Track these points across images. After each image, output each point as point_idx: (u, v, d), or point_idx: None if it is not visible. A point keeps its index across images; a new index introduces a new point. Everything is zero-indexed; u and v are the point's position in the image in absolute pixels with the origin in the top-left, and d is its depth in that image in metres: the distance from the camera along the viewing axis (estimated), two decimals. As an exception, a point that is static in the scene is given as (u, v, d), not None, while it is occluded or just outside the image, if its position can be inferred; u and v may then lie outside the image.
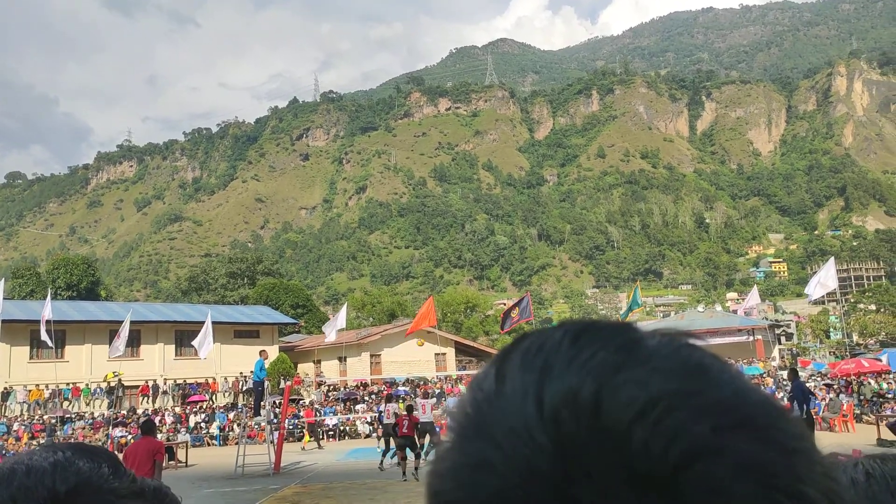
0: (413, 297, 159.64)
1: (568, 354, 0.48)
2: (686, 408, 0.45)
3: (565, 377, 0.47)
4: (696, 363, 0.49)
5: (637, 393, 0.45)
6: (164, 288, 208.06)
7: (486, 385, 0.50)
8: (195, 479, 19.07)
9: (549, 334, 0.51)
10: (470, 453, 0.47)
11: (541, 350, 0.49)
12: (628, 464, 0.43)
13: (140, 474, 8.38)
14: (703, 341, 0.53)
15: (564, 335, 0.50)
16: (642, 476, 0.43)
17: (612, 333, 0.50)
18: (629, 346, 0.49)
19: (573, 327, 0.51)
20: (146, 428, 10.62)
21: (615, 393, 0.45)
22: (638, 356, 0.48)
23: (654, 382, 0.46)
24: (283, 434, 21.16)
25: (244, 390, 37.94)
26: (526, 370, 0.49)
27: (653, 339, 0.50)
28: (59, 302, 42.30)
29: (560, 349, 0.49)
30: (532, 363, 0.49)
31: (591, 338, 0.49)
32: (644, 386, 0.46)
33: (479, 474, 0.45)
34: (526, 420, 0.46)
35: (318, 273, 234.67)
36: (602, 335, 0.50)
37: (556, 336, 0.50)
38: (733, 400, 0.47)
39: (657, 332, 0.52)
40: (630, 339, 0.50)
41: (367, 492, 15.15)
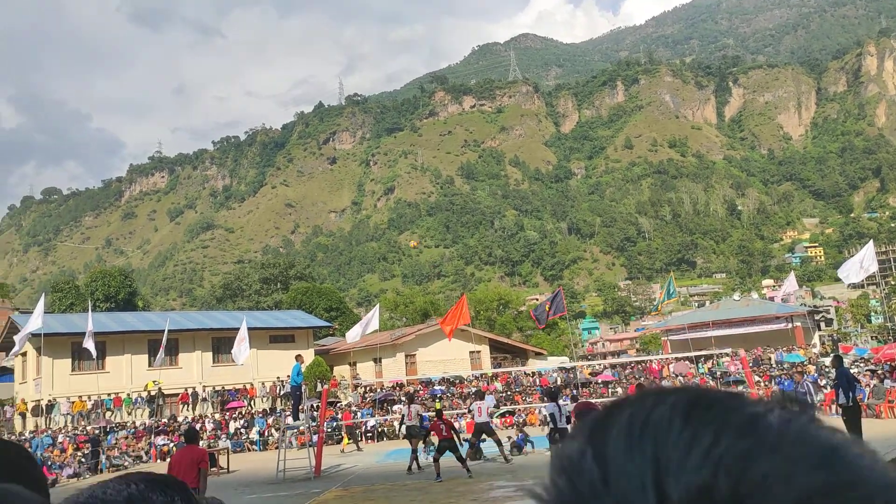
0: (445, 296, 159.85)
1: (684, 438, 0.42)
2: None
3: (690, 468, 0.40)
4: (831, 446, 0.43)
5: (783, 490, 0.39)
6: (199, 296, 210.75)
7: (584, 466, 0.43)
8: (238, 485, 19.26)
9: (650, 407, 0.44)
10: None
11: (647, 428, 0.43)
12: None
13: (185, 482, 8.39)
14: (817, 411, 0.46)
15: (673, 411, 0.44)
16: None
17: (725, 409, 0.44)
18: (751, 426, 0.42)
19: (680, 401, 0.44)
20: (189, 436, 10.74)
21: (758, 491, 0.39)
22: (766, 440, 0.41)
23: (798, 476, 0.40)
24: (322, 437, 21.27)
25: (282, 395, 38.24)
26: (635, 454, 0.42)
27: (772, 415, 0.44)
28: (98, 314, 43.01)
29: (672, 429, 0.43)
30: (641, 446, 0.42)
31: (705, 415, 0.43)
32: (788, 481, 0.40)
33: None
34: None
35: (349, 275, 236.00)
36: (715, 411, 0.44)
37: (663, 412, 0.43)
38: (887, 491, 0.41)
39: (772, 405, 0.45)
40: (748, 417, 0.43)
41: (407, 493, 15.16)
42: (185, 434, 11.17)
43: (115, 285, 72.12)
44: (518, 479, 15.78)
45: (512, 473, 16.93)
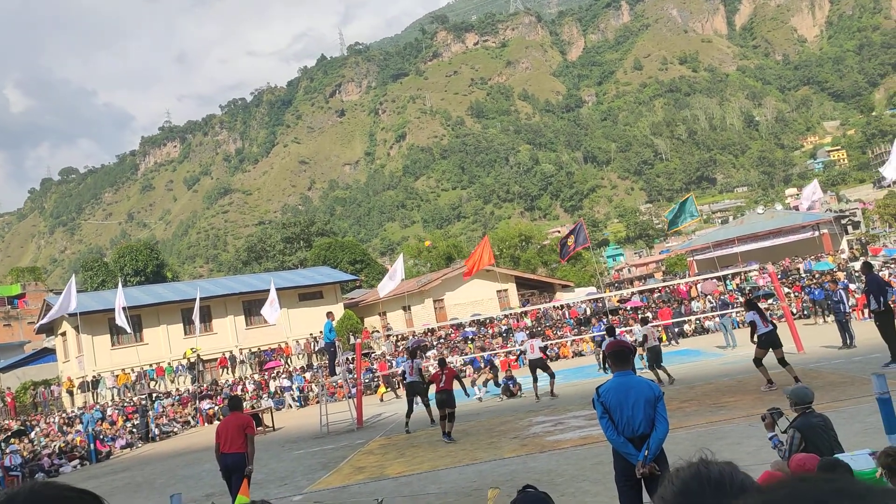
0: (467, 237, 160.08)
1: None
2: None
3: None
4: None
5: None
6: (224, 261, 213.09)
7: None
8: (284, 442, 19.80)
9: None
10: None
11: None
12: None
13: (235, 449, 8.82)
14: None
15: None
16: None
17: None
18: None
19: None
20: (233, 404, 11.03)
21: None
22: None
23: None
24: (360, 389, 21.70)
25: (317, 351, 38.93)
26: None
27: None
28: (129, 288, 43.87)
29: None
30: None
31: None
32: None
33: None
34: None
35: (370, 226, 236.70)
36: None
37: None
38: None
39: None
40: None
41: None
42: (229, 402, 11.48)
43: (142, 259, 73.27)
44: (557, 414, 16.05)
45: (550, 408, 17.21)
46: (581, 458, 10.70)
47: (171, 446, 24.58)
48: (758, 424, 6.39)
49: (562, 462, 10.76)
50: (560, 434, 13.29)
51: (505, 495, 8.88)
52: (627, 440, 5.60)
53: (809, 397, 6.22)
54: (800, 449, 5.73)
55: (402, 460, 13.44)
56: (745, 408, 12.30)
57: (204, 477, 15.40)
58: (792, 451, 5.77)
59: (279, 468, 15.06)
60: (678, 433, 10.15)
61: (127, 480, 17.64)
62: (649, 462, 5.46)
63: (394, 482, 11.48)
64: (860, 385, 12.45)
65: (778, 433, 6.07)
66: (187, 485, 14.72)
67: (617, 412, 5.65)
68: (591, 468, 9.87)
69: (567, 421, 14.68)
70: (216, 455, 10.24)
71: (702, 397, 14.62)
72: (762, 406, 6.45)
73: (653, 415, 5.61)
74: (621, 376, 5.85)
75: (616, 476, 5.79)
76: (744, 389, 14.70)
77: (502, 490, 9.13)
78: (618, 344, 6.22)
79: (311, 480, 12.85)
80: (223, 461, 10.09)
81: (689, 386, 16.62)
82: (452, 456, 12.96)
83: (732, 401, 13.67)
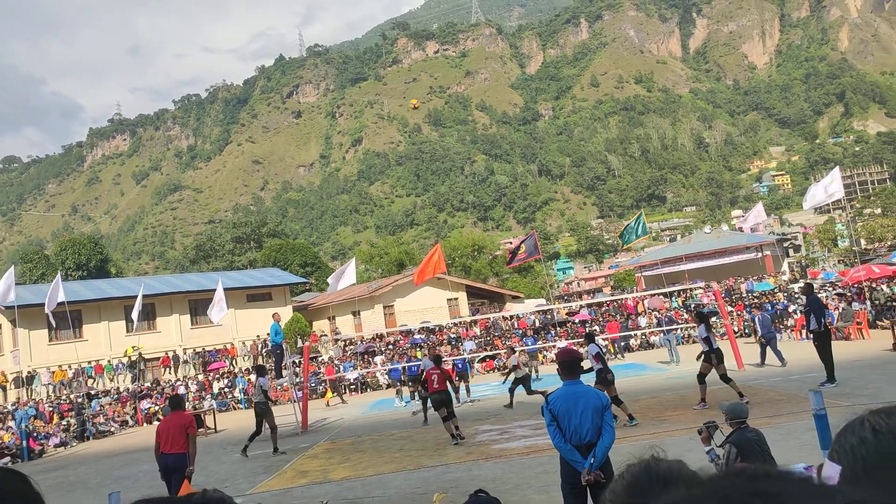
0: (419, 245, 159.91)
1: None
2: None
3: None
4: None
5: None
6: (171, 258, 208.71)
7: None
8: (226, 444, 19.46)
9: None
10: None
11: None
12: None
13: (176, 449, 8.62)
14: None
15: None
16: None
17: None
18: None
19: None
20: (175, 403, 10.79)
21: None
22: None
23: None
24: (307, 393, 21.48)
25: (263, 353, 38.39)
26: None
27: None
28: (70, 283, 42.55)
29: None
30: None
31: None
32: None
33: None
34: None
35: (322, 229, 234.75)
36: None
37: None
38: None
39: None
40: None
41: (395, 442, 15.45)
42: (170, 401, 11.22)
43: (85, 253, 71.25)
44: (503, 423, 16.13)
45: (496, 417, 17.29)
46: (526, 467, 10.77)
47: (108, 446, 23.95)
48: (697, 438, 6.52)
49: (507, 470, 10.81)
50: (505, 443, 13.36)
51: (450, 500, 8.90)
52: (574, 448, 5.65)
53: (745, 412, 6.38)
54: (736, 462, 5.87)
55: (346, 465, 13.34)
56: (687, 422, 12.55)
57: (141, 478, 15.03)
58: (728, 464, 5.90)
59: (220, 471, 14.79)
60: (621, 445, 10.29)
61: (60, 480, 17.12)
62: (595, 470, 5.52)
63: (338, 486, 11.38)
64: (797, 402, 12.83)
65: (714, 447, 6.20)
66: (123, 485, 14.33)
67: (565, 420, 5.70)
68: (536, 477, 9.94)
69: (513, 430, 14.77)
70: (156, 455, 10.00)
71: (645, 410, 14.86)
72: (703, 420, 6.58)
73: (600, 423, 5.68)
74: (570, 385, 5.91)
75: (562, 483, 5.83)
76: (686, 404, 15.00)
77: (448, 496, 9.13)
78: (567, 353, 6.28)
79: (252, 484, 12.65)
80: (163, 461, 9.86)
81: (633, 399, 16.87)
82: (398, 462, 12.91)
83: (675, 415, 13.94)
